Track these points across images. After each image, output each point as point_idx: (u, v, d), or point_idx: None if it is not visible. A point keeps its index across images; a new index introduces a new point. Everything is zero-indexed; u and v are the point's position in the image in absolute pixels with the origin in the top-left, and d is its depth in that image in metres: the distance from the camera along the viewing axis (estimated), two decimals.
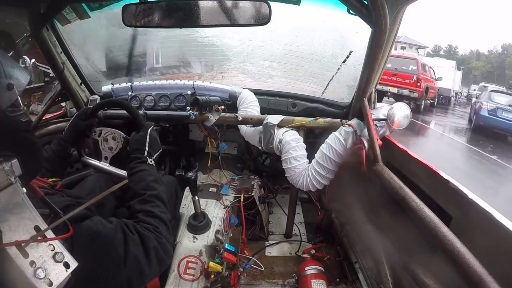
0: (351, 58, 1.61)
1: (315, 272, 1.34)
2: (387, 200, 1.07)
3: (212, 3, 1.12)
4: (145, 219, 0.79)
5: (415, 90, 9.66)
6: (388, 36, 1.09)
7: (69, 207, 0.66)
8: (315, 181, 1.40)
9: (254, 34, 1.82)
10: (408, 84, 9.65)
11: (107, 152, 1.21)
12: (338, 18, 1.36)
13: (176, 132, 1.96)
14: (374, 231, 1.23)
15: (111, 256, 0.64)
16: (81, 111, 1.21)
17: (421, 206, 0.86)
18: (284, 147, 1.43)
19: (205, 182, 1.73)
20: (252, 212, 1.64)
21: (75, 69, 1.63)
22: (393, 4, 1.01)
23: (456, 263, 0.68)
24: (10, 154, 0.53)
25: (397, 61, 9.79)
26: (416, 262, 0.98)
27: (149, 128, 1.06)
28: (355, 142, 1.31)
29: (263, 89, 1.85)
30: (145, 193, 0.86)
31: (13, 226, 0.51)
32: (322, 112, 1.65)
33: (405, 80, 9.66)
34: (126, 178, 0.94)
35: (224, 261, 1.26)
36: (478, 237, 0.77)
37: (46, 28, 1.36)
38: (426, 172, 1.03)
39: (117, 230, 0.69)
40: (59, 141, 1.14)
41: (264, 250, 1.63)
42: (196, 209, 1.34)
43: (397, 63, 9.72)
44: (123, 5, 1.17)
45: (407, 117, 1.30)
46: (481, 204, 0.78)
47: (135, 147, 1.01)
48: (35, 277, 0.49)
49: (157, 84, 1.81)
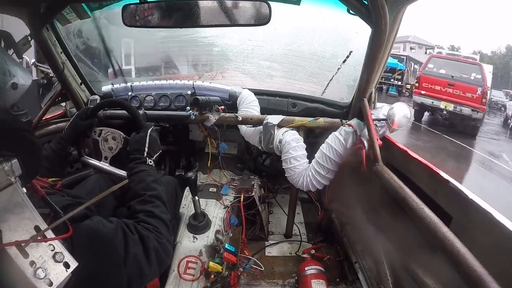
0: (351, 58, 1.61)
1: (315, 272, 1.34)
2: (387, 200, 1.07)
3: (212, 3, 1.12)
4: (146, 219, 0.79)
5: (479, 108, 6.91)
6: (388, 36, 1.09)
7: (69, 207, 0.66)
8: (315, 181, 1.40)
9: (254, 34, 1.82)
10: (470, 100, 6.95)
11: (107, 152, 1.21)
12: (338, 18, 1.36)
13: (176, 132, 1.96)
14: (374, 231, 1.23)
15: (111, 256, 0.64)
16: (82, 111, 1.21)
17: (421, 206, 0.85)
18: (284, 147, 1.43)
19: (205, 182, 1.73)
20: (252, 212, 1.64)
21: (75, 69, 1.63)
22: (393, 4, 1.01)
23: (456, 263, 0.68)
24: (10, 154, 0.54)
25: (454, 66, 7.24)
26: (416, 262, 0.98)
27: (149, 128, 1.06)
28: (355, 142, 1.31)
29: (263, 89, 1.85)
30: (145, 193, 0.86)
31: (13, 226, 0.51)
32: (322, 112, 1.65)
33: (466, 94, 6.99)
34: (126, 178, 0.94)
35: (224, 261, 1.25)
36: (478, 237, 0.77)
37: (46, 28, 1.36)
38: (426, 172, 1.03)
39: (118, 230, 0.69)
40: (59, 140, 1.14)
41: (264, 250, 1.63)
42: (196, 209, 1.34)
43: (454, 68, 7.15)
44: (123, 5, 1.17)
45: (407, 117, 1.30)
46: (481, 204, 0.78)
47: (135, 147, 1.01)
48: (35, 277, 0.49)
49: (157, 84, 1.81)
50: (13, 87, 0.54)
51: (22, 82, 0.56)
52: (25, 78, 0.57)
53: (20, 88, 0.55)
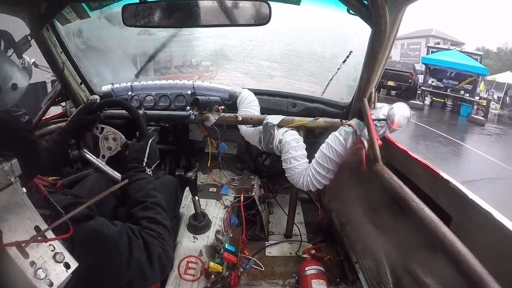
0: (351, 58, 1.60)
1: (315, 272, 1.34)
2: (387, 200, 1.07)
3: (212, 3, 1.12)
4: (149, 225, 0.80)
5: None
6: (388, 36, 1.09)
7: (71, 206, 0.66)
8: (315, 181, 1.40)
9: (254, 34, 1.82)
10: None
11: (105, 151, 1.22)
12: (338, 18, 1.36)
13: (176, 132, 1.96)
14: (374, 231, 1.23)
15: (113, 258, 0.64)
16: (86, 105, 1.22)
17: (421, 206, 0.86)
18: (284, 147, 1.43)
19: (205, 182, 1.73)
20: (252, 212, 1.64)
21: (75, 69, 1.63)
22: (393, 4, 1.01)
23: (456, 263, 0.68)
24: (10, 154, 0.54)
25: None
26: (416, 262, 0.98)
27: (150, 139, 1.06)
28: (355, 142, 1.31)
29: (263, 89, 1.85)
30: (146, 200, 0.86)
31: (13, 226, 0.51)
32: (322, 112, 1.65)
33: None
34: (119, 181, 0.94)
35: (224, 261, 1.26)
36: (478, 237, 0.77)
37: (46, 28, 1.36)
38: (426, 172, 1.03)
39: (123, 234, 0.69)
40: (60, 132, 1.15)
41: (264, 250, 1.63)
42: (196, 209, 1.34)
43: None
44: (123, 5, 1.17)
45: (406, 117, 1.30)
46: (481, 204, 0.78)
47: (134, 156, 1.02)
48: (35, 278, 0.49)
49: (157, 84, 1.81)
50: (13, 88, 0.55)
51: (20, 83, 0.56)
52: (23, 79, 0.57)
53: (20, 89, 0.56)
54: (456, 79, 10.68)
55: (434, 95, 11.55)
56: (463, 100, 10.45)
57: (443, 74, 11.28)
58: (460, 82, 10.60)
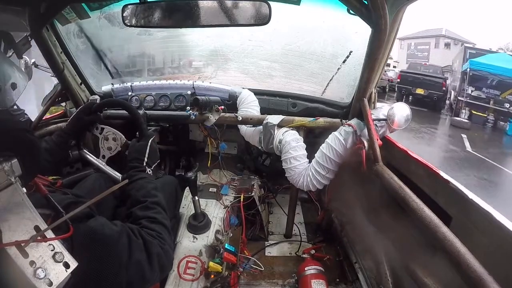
0: (351, 58, 1.60)
1: (315, 272, 1.34)
2: (387, 200, 1.07)
3: (212, 3, 1.12)
4: (149, 225, 0.79)
5: None
6: (388, 36, 1.09)
7: (71, 205, 0.66)
8: (315, 181, 1.40)
9: (254, 34, 1.82)
10: None
11: (105, 151, 1.22)
12: (338, 18, 1.36)
13: (176, 132, 1.96)
14: (374, 231, 1.23)
15: (112, 258, 0.64)
16: (86, 106, 1.22)
17: (421, 206, 0.85)
18: (284, 147, 1.43)
19: (205, 182, 1.73)
20: (252, 212, 1.64)
21: (75, 69, 1.63)
22: (393, 4, 1.01)
23: (456, 263, 0.68)
24: (10, 154, 0.54)
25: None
26: (416, 262, 0.98)
27: (150, 138, 1.07)
28: (355, 142, 1.31)
29: (263, 89, 1.85)
30: (146, 200, 0.86)
31: (13, 226, 0.51)
32: (322, 112, 1.65)
33: None
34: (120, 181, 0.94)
35: (224, 261, 1.26)
36: (478, 237, 0.77)
37: (46, 28, 1.36)
38: (426, 172, 1.03)
39: (122, 234, 0.69)
40: (60, 133, 1.15)
41: (264, 250, 1.63)
42: (196, 209, 1.34)
43: None
44: (123, 5, 1.17)
45: (407, 117, 1.30)
46: (481, 204, 0.78)
47: (134, 156, 1.02)
48: (35, 277, 0.49)
49: (157, 84, 1.81)
50: (12, 87, 0.55)
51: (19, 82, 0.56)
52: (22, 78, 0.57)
53: (19, 89, 0.56)
54: (497, 87, 8.59)
55: (473, 107, 8.85)
56: (509, 115, 8.04)
57: (483, 81, 8.91)
58: (503, 92, 8.44)
